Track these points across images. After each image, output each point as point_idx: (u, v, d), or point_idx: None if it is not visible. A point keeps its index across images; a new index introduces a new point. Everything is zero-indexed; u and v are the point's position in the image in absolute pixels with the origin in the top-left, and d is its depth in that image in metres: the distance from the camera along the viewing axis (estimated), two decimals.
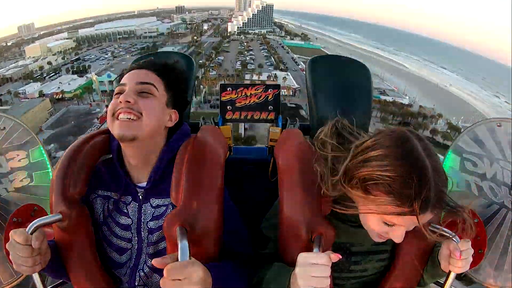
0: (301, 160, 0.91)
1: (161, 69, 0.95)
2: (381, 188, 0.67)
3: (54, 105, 42.52)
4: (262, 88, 1.33)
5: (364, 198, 0.72)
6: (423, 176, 0.64)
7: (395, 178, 0.65)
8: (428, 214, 0.67)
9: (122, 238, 0.92)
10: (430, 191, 0.64)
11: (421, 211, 0.64)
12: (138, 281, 0.91)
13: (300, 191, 0.85)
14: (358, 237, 0.90)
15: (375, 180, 0.68)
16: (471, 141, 1.23)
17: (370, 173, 0.68)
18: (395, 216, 0.67)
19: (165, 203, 0.91)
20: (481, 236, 1.08)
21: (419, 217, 0.65)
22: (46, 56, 77.84)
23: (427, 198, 0.64)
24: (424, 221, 0.68)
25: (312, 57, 1.31)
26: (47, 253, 0.81)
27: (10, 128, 1.17)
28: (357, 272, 0.94)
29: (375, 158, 0.69)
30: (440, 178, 0.67)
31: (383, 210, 0.68)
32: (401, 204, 0.65)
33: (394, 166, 0.66)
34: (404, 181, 0.64)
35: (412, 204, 0.64)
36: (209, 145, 0.94)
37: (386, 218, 0.70)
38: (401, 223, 0.70)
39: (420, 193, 0.63)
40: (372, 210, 0.70)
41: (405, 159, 0.66)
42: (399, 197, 0.65)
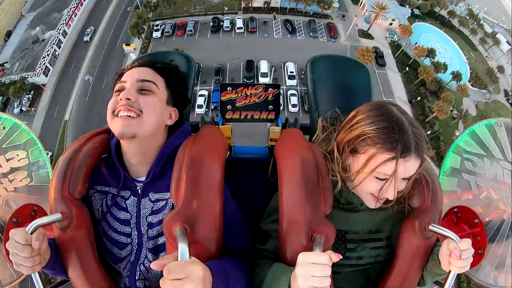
0: (301, 159, 0.91)
1: (162, 67, 0.95)
2: (368, 142, 0.80)
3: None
4: (262, 88, 1.33)
5: (355, 159, 0.84)
6: (401, 127, 0.78)
7: (378, 130, 0.79)
8: (412, 158, 0.77)
9: (122, 233, 0.92)
10: (409, 137, 0.77)
11: (405, 154, 0.76)
12: (138, 275, 0.91)
13: (300, 191, 0.85)
14: (353, 224, 0.93)
15: (362, 136, 0.81)
16: (471, 141, 1.23)
17: (358, 133, 0.82)
18: (384, 165, 0.77)
19: (164, 197, 0.91)
20: (481, 236, 1.08)
21: (406, 163, 0.77)
22: None
23: (408, 142, 0.77)
24: (412, 168, 0.79)
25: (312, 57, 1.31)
26: (47, 252, 0.81)
27: (10, 128, 1.17)
28: (353, 259, 0.96)
29: (360, 120, 0.84)
30: (416, 129, 0.80)
31: (373, 162, 0.79)
32: (387, 150, 0.77)
33: (376, 121, 0.80)
34: (387, 132, 0.78)
35: (396, 149, 0.76)
36: (209, 145, 0.94)
37: (378, 170, 0.79)
38: (391, 172, 0.78)
39: (401, 138, 0.76)
40: (365, 164, 0.81)
41: (384, 115, 0.81)
42: (385, 144, 0.77)
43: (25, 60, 24.71)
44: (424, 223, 0.89)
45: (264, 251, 0.97)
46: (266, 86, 1.33)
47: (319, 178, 0.88)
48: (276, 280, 0.82)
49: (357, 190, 0.89)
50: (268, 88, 1.33)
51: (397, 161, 0.76)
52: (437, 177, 0.98)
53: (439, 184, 0.96)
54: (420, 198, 0.92)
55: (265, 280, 0.86)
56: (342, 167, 0.88)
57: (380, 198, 0.85)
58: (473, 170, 1.20)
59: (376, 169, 0.79)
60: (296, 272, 0.72)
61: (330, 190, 0.88)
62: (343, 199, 0.94)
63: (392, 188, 0.81)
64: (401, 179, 0.82)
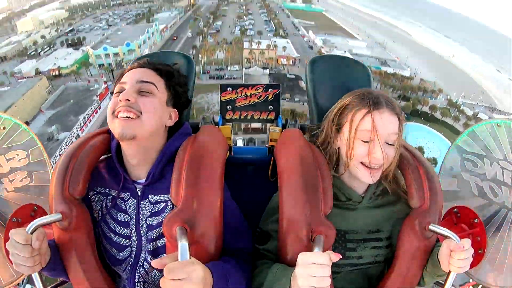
0: (301, 160, 0.91)
1: (162, 68, 0.95)
2: (347, 111, 0.91)
3: (51, 83, 40.88)
4: (262, 88, 1.33)
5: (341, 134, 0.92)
6: (372, 91, 0.92)
7: (353, 97, 0.91)
8: (385, 111, 0.86)
9: (121, 235, 0.92)
10: (379, 95, 0.89)
11: (377, 106, 0.86)
12: (138, 277, 0.91)
13: (300, 191, 0.85)
14: (353, 224, 0.94)
15: (342, 108, 0.92)
16: (471, 141, 1.23)
17: (338, 107, 0.94)
18: (363, 120, 0.86)
19: (164, 199, 0.91)
20: (481, 236, 1.08)
21: (381, 115, 0.85)
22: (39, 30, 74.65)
23: (378, 98, 0.88)
24: (389, 124, 0.86)
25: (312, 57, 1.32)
26: (47, 253, 0.81)
27: (10, 128, 1.17)
28: (353, 259, 0.96)
29: (343, 100, 0.95)
30: (387, 97, 0.90)
31: (353, 123, 0.87)
32: (361, 107, 0.87)
33: (352, 95, 0.93)
34: (360, 95, 0.90)
35: (368, 104, 0.86)
36: (209, 145, 0.94)
37: (359, 129, 0.86)
38: (373, 131, 0.85)
39: (372, 96, 0.88)
40: (348, 128, 0.88)
41: (360, 91, 0.93)
42: (358, 104, 0.88)
43: None
44: (424, 223, 0.89)
45: (264, 251, 0.97)
46: (266, 87, 1.33)
47: (319, 178, 0.88)
48: (276, 281, 0.82)
49: (351, 168, 0.91)
50: (268, 88, 1.33)
51: (371, 112, 0.85)
52: (437, 177, 0.98)
53: (439, 184, 0.96)
54: (420, 198, 0.92)
55: (265, 280, 0.86)
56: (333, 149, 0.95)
57: (372, 164, 0.87)
58: (473, 170, 1.20)
59: (358, 128, 0.86)
60: (296, 272, 0.72)
61: (330, 190, 0.88)
62: (342, 196, 0.94)
63: (378, 146, 0.85)
64: (386, 144, 0.87)
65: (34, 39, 65.70)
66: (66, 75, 44.15)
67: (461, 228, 1.11)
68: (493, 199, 1.16)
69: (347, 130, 0.89)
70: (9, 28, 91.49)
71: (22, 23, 78.80)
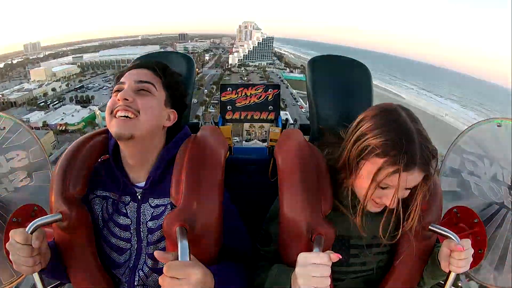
0: (301, 160, 0.91)
1: (160, 69, 0.95)
2: (374, 152, 0.75)
3: (57, 137, 41.85)
4: (262, 88, 1.33)
5: (360, 165, 0.80)
6: (409, 138, 0.73)
7: (384, 142, 0.74)
8: (416, 171, 0.73)
9: (121, 238, 0.92)
10: (415, 149, 0.72)
11: (408, 167, 0.72)
12: (137, 281, 0.91)
13: (300, 191, 0.85)
14: (356, 230, 0.91)
15: (369, 148, 0.76)
16: (471, 141, 1.23)
17: (365, 145, 0.77)
18: (388, 177, 0.74)
19: (164, 202, 0.91)
20: (481, 236, 1.08)
21: (409, 176, 0.73)
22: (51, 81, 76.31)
23: (413, 155, 0.72)
24: (414, 181, 0.76)
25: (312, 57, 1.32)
26: (47, 253, 0.81)
27: (10, 128, 1.17)
28: (357, 265, 0.94)
29: (366, 130, 0.78)
30: (424, 139, 0.75)
31: (378, 173, 0.75)
32: (392, 164, 0.73)
33: (382, 132, 0.75)
34: (392, 144, 0.73)
35: (400, 162, 0.72)
36: (209, 145, 0.94)
37: (381, 181, 0.76)
38: (393, 184, 0.75)
39: (407, 151, 0.72)
40: (369, 176, 0.77)
41: (392, 124, 0.75)
42: (389, 158, 0.73)
43: None
44: (424, 223, 0.89)
45: (266, 253, 0.96)
46: (266, 87, 1.33)
47: (319, 178, 0.88)
48: (276, 281, 0.82)
49: (358, 194, 0.87)
50: (268, 88, 1.33)
51: (400, 174, 0.73)
52: (437, 177, 0.98)
53: (439, 184, 0.96)
54: None
55: (266, 281, 0.86)
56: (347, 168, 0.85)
57: (380, 204, 0.83)
58: (473, 170, 1.20)
59: (380, 181, 0.77)
60: (296, 272, 0.72)
61: (330, 190, 0.88)
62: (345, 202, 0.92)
63: (392, 199, 0.78)
64: (404, 189, 0.79)
65: (45, 91, 66.71)
66: (72, 132, 44.95)
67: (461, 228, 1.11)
68: (493, 199, 1.15)
69: (367, 171, 0.79)
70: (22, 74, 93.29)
71: (35, 72, 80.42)
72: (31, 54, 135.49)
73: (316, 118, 1.21)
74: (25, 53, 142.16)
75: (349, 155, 0.82)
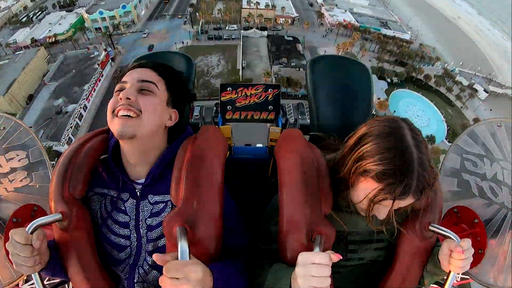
0: (301, 159, 0.91)
1: (163, 68, 0.95)
2: (373, 177, 0.76)
3: (49, 51, 39.20)
4: (262, 88, 1.33)
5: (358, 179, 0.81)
6: (408, 168, 0.73)
7: (385, 171, 0.74)
8: (408, 198, 0.75)
9: (121, 235, 0.92)
10: (412, 181, 0.73)
11: (402, 197, 0.74)
12: (137, 278, 0.91)
13: (300, 191, 0.85)
14: (354, 226, 0.93)
15: (368, 171, 0.77)
16: (471, 141, 1.23)
17: (365, 168, 0.77)
18: (382, 200, 0.76)
19: (163, 199, 0.91)
20: (481, 236, 1.08)
21: (401, 201, 0.76)
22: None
23: (409, 186, 0.73)
24: (405, 204, 0.78)
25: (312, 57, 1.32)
26: (46, 253, 0.81)
27: (10, 128, 1.17)
28: (354, 260, 0.95)
29: (368, 153, 0.77)
30: (423, 168, 0.74)
31: (372, 193, 0.77)
32: (388, 191, 0.74)
33: (385, 160, 0.74)
34: (392, 174, 0.73)
35: (394, 191, 0.74)
36: (209, 145, 0.94)
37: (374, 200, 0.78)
38: (387, 205, 0.78)
39: (403, 182, 0.73)
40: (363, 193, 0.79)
41: (394, 151, 0.74)
42: (387, 186, 0.74)
43: (49, 129, 27.15)
44: (424, 223, 0.89)
45: (265, 251, 0.97)
46: (266, 87, 1.33)
47: (319, 178, 0.88)
48: (276, 281, 0.82)
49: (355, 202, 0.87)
50: (268, 88, 1.33)
51: (393, 202, 0.76)
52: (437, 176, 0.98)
53: (439, 184, 0.96)
54: None
55: (266, 281, 0.86)
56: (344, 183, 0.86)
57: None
58: (473, 170, 1.20)
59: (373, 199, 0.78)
60: (296, 272, 0.72)
61: (330, 190, 0.88)
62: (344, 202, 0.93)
63: (385, 214, 0.81)
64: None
65: (24, 4, 60.73)
66: (63, 41, 42.19)
67: (461, 228, 1.11)
68: (493, 199, 1.15)
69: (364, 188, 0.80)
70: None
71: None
72: None
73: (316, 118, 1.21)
74: None
75: (349, 172, 0.82)
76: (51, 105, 29.19)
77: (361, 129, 0.82)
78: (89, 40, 41.51)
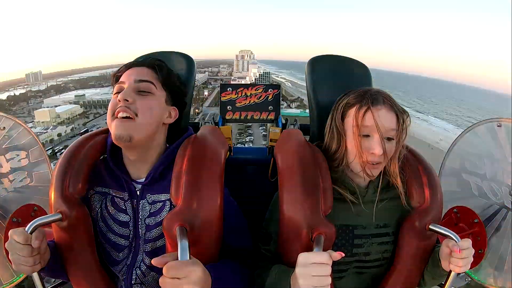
0: (301, 160, 0.91)
1: (159, 66, 0.95)
2: (348, 107, 0.92)
3: None
4: (262, 88, 1.33)
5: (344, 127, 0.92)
6: (371, 89, 0.93)
7: (355, 95, 0.92)
8: (383, 108, 0.87)
9: (120, 235, 0.91)
10: (377, 93, 0.90)
11: (375, 103, 0.87)
12: (135, 279, 0.90)
13: (300, 191, 0.85)
14: (360, 218, 0.93)
15: (345, 106, 0.93)
16: (471, 141, 1.23)
17: (341, 106, 0.94)
18: (363, 117, 0.87)
19: (161, 199, 0.91)
20: (481, 236, 1.08)
21: (380, 112, 0.86)
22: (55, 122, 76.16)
23: (376, 95, 0.89)
24: (388, 120, 0.87)
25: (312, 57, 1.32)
26: (46, 252, 0.81)
27: (10, 128, 1.17)
28: (360, 255, 0.94)
29: (342, 100, 0.95)
30: (385, 94, 0.92)
31: (355, 118, 0.88)
32: (362, 105, 0.88)
33: (354, 93, 0.93)
34: (359, 94, 0.91)
35: (367, 101, 0.88)
36: (209, 145, 0.94)
37: (360, 125, 0.87)
38: (372, 124, 0.86)
39: (371, 94, 0.90)
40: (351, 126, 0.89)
41: (361, 90, 0.93)
42: (358, 102, 0.89)
43: None
44: (424, 223, 0.89)
45: (266, 252, 0.96)
46: (266, 87, 1.33)
47: (319, 178, 0.88)
48: (277, 281, 0.82)
49: (352, 156, 0.91)
50: (268, 88, 1.33)
51: (370, 109, 0.86)
52: (437, 176, 0.98)
53: (439, 184, 0.96)
54: (420, 198, 0.92)
55: (266, 281, 0.86)
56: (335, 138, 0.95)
57: (371, 160, 0.88)
58: (473, 170, 1.20)
59: (359, 125, 0.87)
60: (296, 272, 0.72)
61: (330, 190, 0.88)
62: (346, 190, 0.93)
63: (378, 141, 0.86)
64: (386, 139, 0.88)
65: (51, 136, 66.02)
66: None
67: (461, 228, 1.11)
68: (493, 199, 1.15)
69: (351, 127, 0.89)
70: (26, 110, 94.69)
71: (40, 113, 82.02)
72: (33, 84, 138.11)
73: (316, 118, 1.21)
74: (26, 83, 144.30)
75: (334, 122, 0.94)
76: None
77: None
78: None
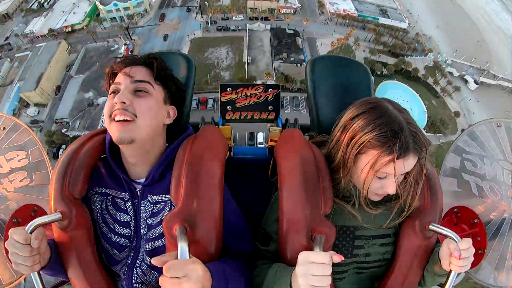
0: (300, 159, 0.91)
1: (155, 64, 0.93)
2: (369, 147, 0.81)
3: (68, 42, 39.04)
4: (262, 88, 1.33)
5: (357, 159, 0.85)
6: (399, 128, 0.79)
7: (379, 135, 0.80)
8: (411, 157, 0.79)
9: (121, 235, 0.92)
10: (407, 137, 0.78)
11: (404, 154, 0.78)
12: (135, 279, 0.90)
13: (300, 190, 0.85)
14: (363, 220, 0.92)
15: (365, 143, 0.82)
16: (471, 141, 1.23)
17: (360, 142, 0.82)
18: (385, 166, 0.80)
19: (163, 199, 0.91)
20: (481, 236, 1.08)
21: (405, 162, 0.79)
22: None
23: (406, 142, 0.78)
24: (409, 166, 0.81)
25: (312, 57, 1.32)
26: (46, 252, 0.81)
27: (10, 128, 1.17)
28: (360, 256, 0.94)
29: (359, 128, 0.83)
30: (412, 127, 0.81)
31: (372, 160, 0.80)
32: (387, 154, 0.79)
33: (376, 127, 0.81)
34: (385, 136, 0.79)
35: (394, 151, 0.78)
36: (209, 145, 0.94)
37: (378, 170, 0.81)
38: (391, 172, 0.80)
39: (399, 140, 0.78)
40: (367, 168, 0.82)
41: (382, 118, 0.81)
42: (384, 149, 0.79)
43: (85, 120, 28.69)
44: (424, 223, 0.89)
45: (265, 252, 0.96)
46: (266, 87, 1.33)
47: (319, 177, 0.88)
48: (276, 280, 0.82)
49: (358, 187, 0.89)
50: (268, 88, 1.33)
51: (395, 162, 0.78)
52: (437, 177, 0.98)
53: (439, 184, 0.96)
54: (420, 198, 0.92)
55: (266, 280, 0.86)
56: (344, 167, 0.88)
57: (382, 194, 0.86)
58: (473, 170, 1.20)
59: (377, 170, 0.81)
60: (296, 271, 0.72)
61: (330, 190, 0.88)
62: (347, 193, 0.93)
63: (393, 184, 0.83)
64: (400, 174, 0.84)
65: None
66: (79, 30, 41.96)
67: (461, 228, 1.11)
68: (493, 199, 1.15)
69: (364, 163, 0.83)
70: None
71: None
72: None
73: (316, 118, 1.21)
74: None
75: (346, 155, 0.86)
76: (82, 98, 30.03)
77: (345, 115, 0.89)
78: (106, 29, 41.69)
